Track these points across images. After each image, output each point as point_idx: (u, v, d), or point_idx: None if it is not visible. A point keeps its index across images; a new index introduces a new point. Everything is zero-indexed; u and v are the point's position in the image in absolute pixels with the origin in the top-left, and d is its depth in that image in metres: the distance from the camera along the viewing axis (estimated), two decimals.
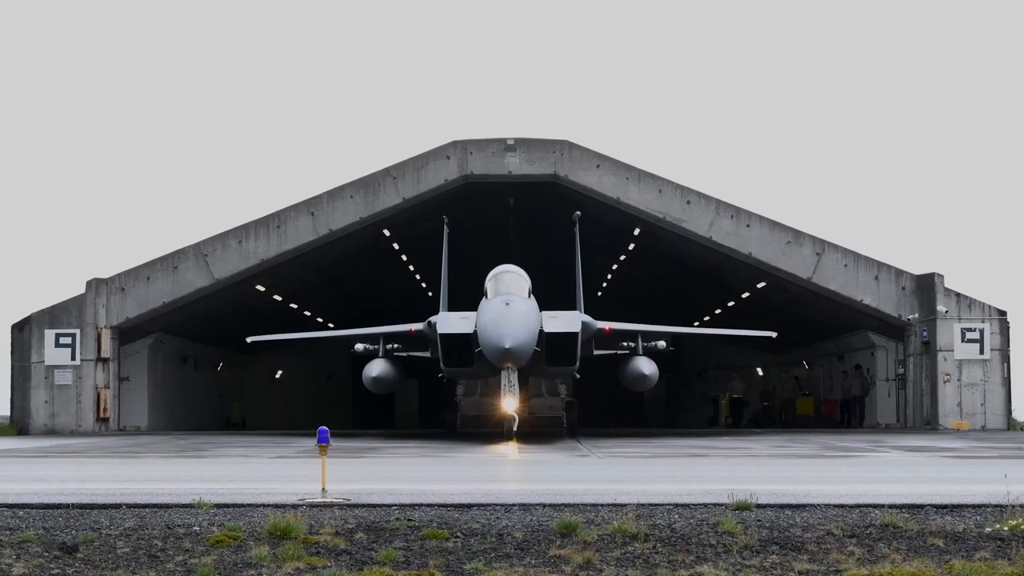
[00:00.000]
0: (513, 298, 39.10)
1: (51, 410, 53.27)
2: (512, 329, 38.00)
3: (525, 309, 39.10)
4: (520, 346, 38.04)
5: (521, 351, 38.17)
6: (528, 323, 38.80)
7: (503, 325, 38.00)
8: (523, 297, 39.75)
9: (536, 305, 40.37)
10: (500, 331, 37.87)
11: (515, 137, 54.46)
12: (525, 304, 39.42)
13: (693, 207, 54.83)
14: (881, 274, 55.30)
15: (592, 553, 13.92)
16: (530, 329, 38.76)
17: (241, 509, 16.61)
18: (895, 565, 13.46)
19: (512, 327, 38.07)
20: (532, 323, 38.99)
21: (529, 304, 39.75)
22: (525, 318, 38.78)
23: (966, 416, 53.55)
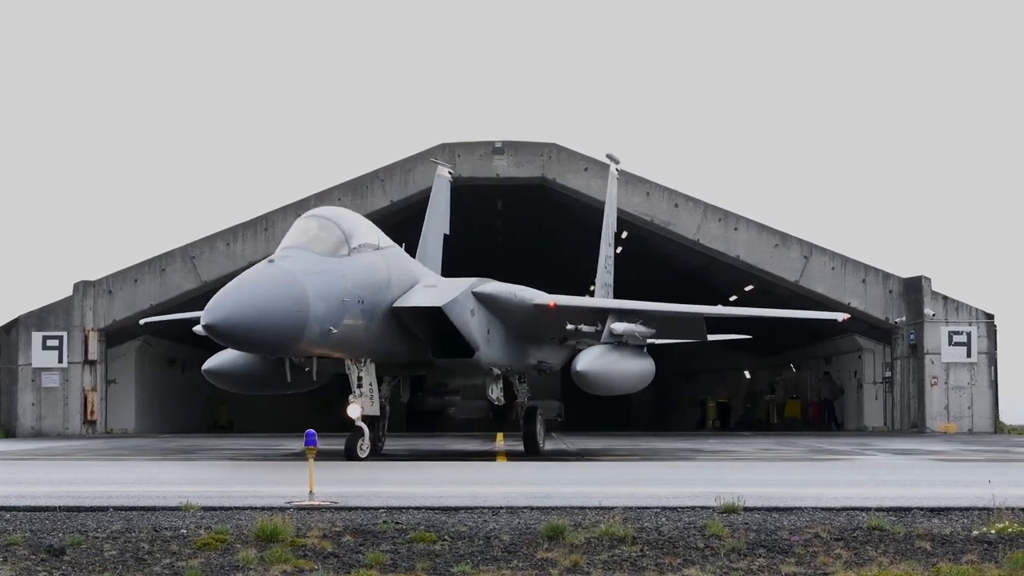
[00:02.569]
0: (293, 254, 28.26)
1: (38, 412, 53.24)
2: (238, 297, 26.82)
3: (297, 270, 27.76)
4: (238, 320, 26.61)
5: (240, 328, 26.70)
6: (285, 289, 27.38)
7: (227, 293, 26.99)
8: (320, 255, 28.63)
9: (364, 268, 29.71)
10: (217, 301, 26.84)
11: (503, 140, 54.57)
12: (310, 263, 28.21)
13: (681, 210, 54.93)
14: (869, 277, 55.42)
15: (579, 556, 13.92)
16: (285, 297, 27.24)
17: (228, 512, 16.60)
18: (882, 568, 13.48)
19: (239, 294, 26.90)
20: (293, 290, 27.42)
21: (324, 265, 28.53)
22: (281, 282, 27.44)
23: (953, 419, 53.67)
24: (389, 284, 30.41)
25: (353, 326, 29.01)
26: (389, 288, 30.39)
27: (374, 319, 29.79)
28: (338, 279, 28.61)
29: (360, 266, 29.44)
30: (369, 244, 30.16)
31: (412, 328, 31.02)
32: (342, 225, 29.57)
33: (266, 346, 28.15)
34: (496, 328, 33.20)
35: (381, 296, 30.05)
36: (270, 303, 26.99)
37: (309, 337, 27.82)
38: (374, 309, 29.79)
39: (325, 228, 29.18)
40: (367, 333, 29.60)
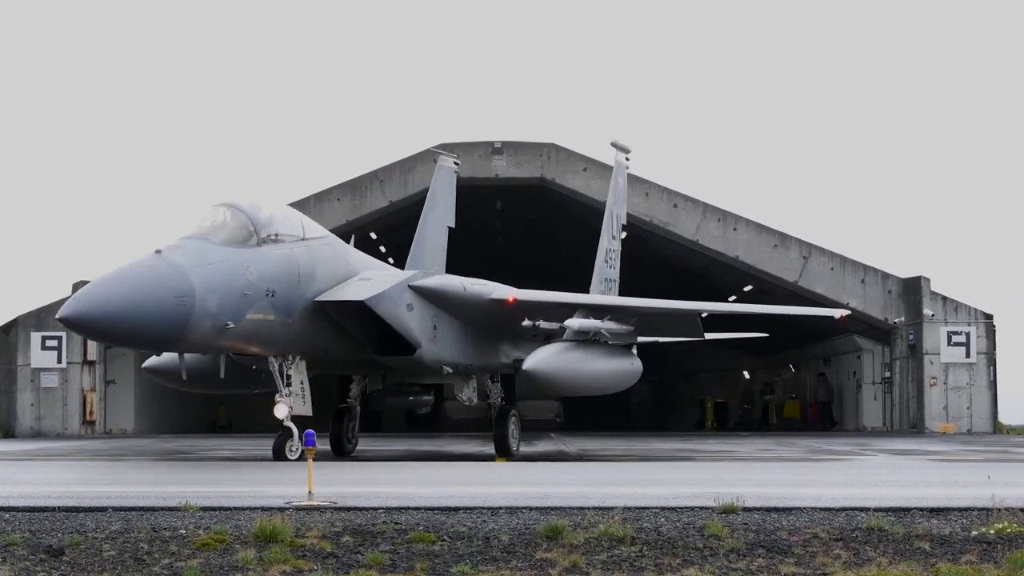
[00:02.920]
0: (187, 244, 26.79)
1: (37, 413, 53.23)
2: (104, 290, 25.34)
3: (185, 262, 26.31)
4: (96, 315, 25.12)
5: (98, 322, 25.30)
6: (165, 282, 25.89)
7: (95, 285, 25.56)
8: (219, 245, 27.29)
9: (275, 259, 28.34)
10: (81, 292, 25.50)
11: (502, 140, 54.61)
12: (204, 253, 26.80)
13: (680, 210, 54.96)
14: (868, 277, 55.45)
15: (579, 556, 13.92)
16: (163, 290, 25.76)
17: (227, 512, 16.59)
18: (881, 568, 13.48)
19: (106, 287, 25.42)
20: (176, 283, 25.94)
21: (222, 255, 27.13)
22: (162, 274, 25.95)
23: (952, 419, 53.69)
24: (313, 277, 29.02)
25: (262, 321, 27.80)
26: (313, 281, 29.02)
27: (291, 313, 28.49)
28: (238, 271, 27.23)
29: (270, 257, 28.08)
30: (288, 234, 28.76)
31: (344, 324, 29.78)
32: (251, 214, 28.07)
33: (138, 341, 27.25)
34: (446, 324, 31.72)
35: (300, 289, 28.69)
36: (141, 297, 25.46)
37: (199, 332, 26.51)
38: (291, 303, 28.47)
39: (232, 217, 27.85)
40: (284, 328, 28.40)
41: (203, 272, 26.48)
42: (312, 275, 29.04)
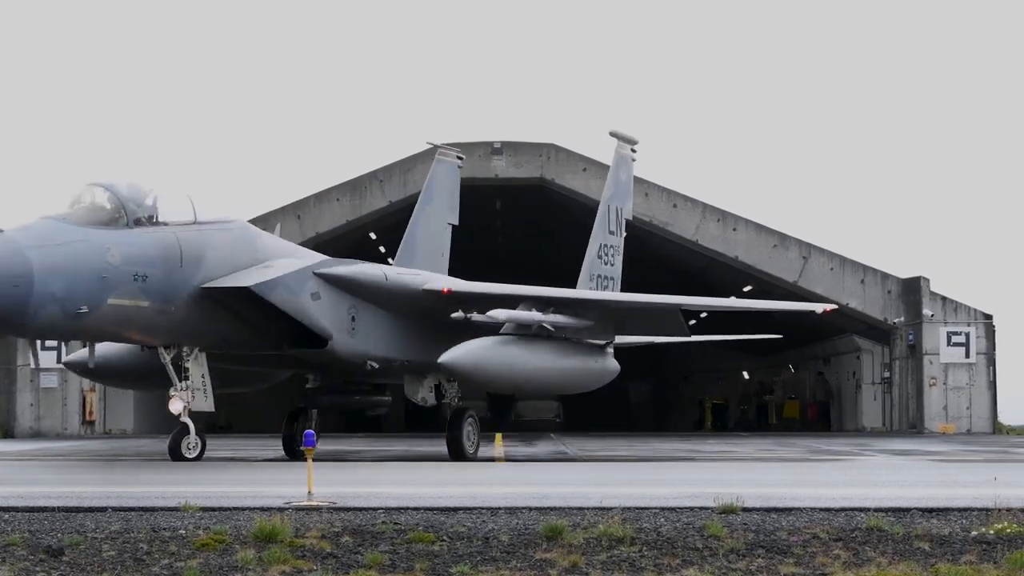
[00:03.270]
0: (38, 224, 25.56)
1: (37, 413, 53.25)
2: None
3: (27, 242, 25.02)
4: None
5: None
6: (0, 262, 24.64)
7: None
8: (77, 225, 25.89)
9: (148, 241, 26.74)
10: None
11: (502, 140, 54.64)
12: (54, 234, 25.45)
13: (680, 210, 54.99)
14: (867, 277, 55.47)
15: (578, 556, 13.92)
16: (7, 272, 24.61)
17: (227, 512, 16.58)
18: (881, 568, 13.48)
19: None
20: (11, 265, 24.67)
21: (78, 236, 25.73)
22: None
23: (952, 420, 53.72)
24: (200, 262, 27.34)
25: (131, 307, 26.24)
26: (200, 266, 27.34)
27: (171, 300, 26.90)
28: (95, 253, 25.61)
29: (142, 240, 26.41)
30: (173, 218, 27.14)
31: (241, 313, 28.18)
32: (124, 194, 26.50)
33: None
34: (369, 316, 29.98)
35: (182, 275, 27.06)
36: None
37: (45, 316, 25.08)
38: (169, 288, 26.84)
39: (101, 197, 26.35)
40: (163, 316, 26.85)
41: (45, 253, 25.00)
42: (199, 260, 27.41)
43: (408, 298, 30.48)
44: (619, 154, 40.23)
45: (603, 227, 39.00)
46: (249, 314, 28.33)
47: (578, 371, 31.79)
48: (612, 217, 39.48)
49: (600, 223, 38.94)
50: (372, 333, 30.04)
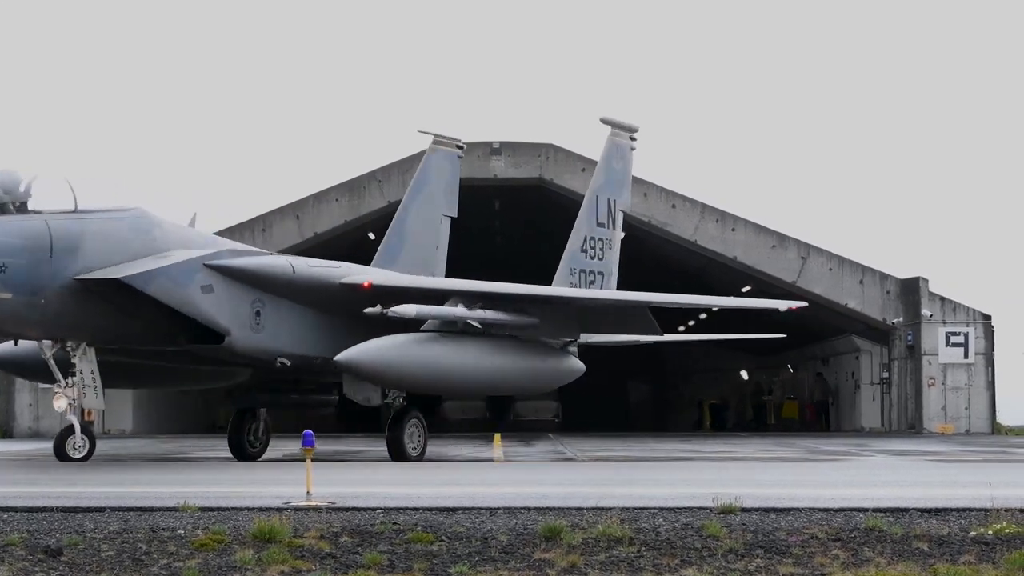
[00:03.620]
0: None
1: (35, 413, 53.22)
2: None
3: None
4: None
5: None
6: None
7: None
8: None
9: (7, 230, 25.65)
10: None
11: (500, 140, 54.63)
12: None
13: (678, 211, 54.99)
14: (866, 278, 55.48)
15: (577, 556, 13.92)
16: None
17: (226, 512, 16.58)
18: (880, 568, 13.49)
19: None
20: None
21: None
22: None
23: (950, 420, 53.73)
24: (77, 252, 26.01)
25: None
26: (75, 256, 26.03)
27: (39, 291, 25.63)
28: None
29: (4, 228, 25.38)
30: (47, 206, 26.02)
31: (126, 306, 26.81)
32: None
33: None
34: (277, 310, 28.46)
35: (52, 265, 25.80)
36: None
37: None
38: (37, 279, 25.60)
39: None
40: (30, 308, 25.66)
41: None
42: (75, 250, 26.09)
43: (325, 292, 29.00)
44: (613, 143, 37.97)
45: (590, 218, 37.15)
46: (131, 307, 26.94)
47: (520, 371, 30.23)
48: (603, 209, 37.56)
49: (586, 214, 37.13)
50: (282, 329, 28.52)
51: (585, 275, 36.61)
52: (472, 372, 29.41)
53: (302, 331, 28.94)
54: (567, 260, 36.38)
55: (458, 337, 29.08)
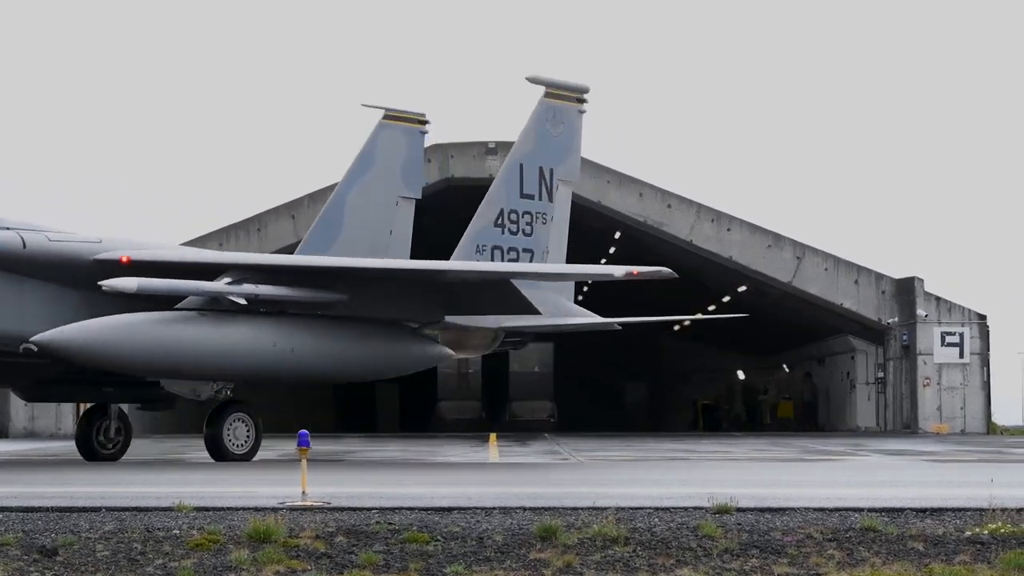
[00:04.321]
0: None
1: (31, 413, 53.17)
2: None
3: None
4: None
5: None
6: None
7: None
8: None
9: None
10: None
11: (496, 140, 54.57)
12: None
13: (674, 211, 54.98)
14: (861, 278, 55.49)
15: (572, 556, 13.92)
16: None
17: (221, 512, 16.57)
18: (875, 568, 13.49)
19: None
20: None
21: None
22: None
23: (946, 420, 53.74)
24: None
25: None
26: None
27: None
28: None
29: None
30: None
31: None
32: None
33: None
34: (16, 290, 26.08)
35: None
36: None
37: None
38: None
39: None
40: None
41: None
42: None
43: (77, 269, 26.28)
44: (548, 105, 33.77)
45: (510, 189, 33.28)
46: None
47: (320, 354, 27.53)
48: (530, 178, 33.52)
49: (504, 184, 33.40)
50: (23, 310, 25.99)
51: (503, 252, 32.96)
52: (234, 354, 26.73)
53: (50, 313, 26.04)
54: (471, 236, 32.87)
55: (226, 316, 26.51)
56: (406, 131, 34.12)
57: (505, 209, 33.21)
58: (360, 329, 28.02)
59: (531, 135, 33.79)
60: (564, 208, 34.37)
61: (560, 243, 34.24)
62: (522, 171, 33.51)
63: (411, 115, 34.39)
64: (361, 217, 33.04)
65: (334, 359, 27.76)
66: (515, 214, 33.28)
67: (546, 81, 33.97)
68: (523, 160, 33.60)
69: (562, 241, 34.32)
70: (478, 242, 32.83)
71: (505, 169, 33.77)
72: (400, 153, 33.95)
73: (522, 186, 33.48)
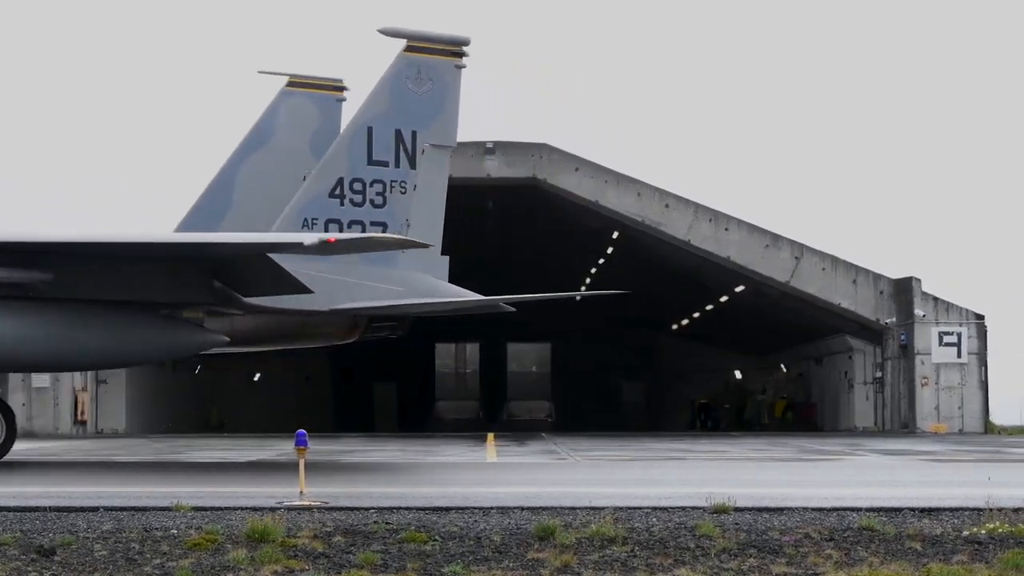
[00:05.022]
0: None
1: (29, 412, 53.15)
2: None
3: None
4: None
5: None
6: None
7: None
8: None
9: None
10: None
11: (494, 140, 54.54)
12: None
13: (672, 211, 54.93)
14: (859, 278, 55.47)
15: (570, 556, 13.92)
16: None
17: (219, 512, 16.58)
18: (873, 568, 13.49)
19: None
20: None
21: None
22: None
23: (944, 419, 53.71)
24: None
25: None
26: None
27: None
28: None
29: None
30: None
31: None
32: None
33: None
34: None
35: None
36: None
37: None
38: None
39: None
40: None
41: None
42: None
43: None
44: (409, 60, 30.37)
45: (354, 155, 29.64)
46: None
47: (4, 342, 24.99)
48: (383, 142, 29.96)
49: (348, 150, 29.68)
50: None
51: (341, 226, 29.40)
52: None
53: None
54: (298, 209, 29.19)
55: None
56: (318, 99, 31.80)
57: (346, 178, 29.58)
58: (76, 312, 25.31)
59: (384, 94, 30.00)
60: (436, 175, 30.92)
61: (431, 215, 30.71)
62: (371, 135, 29.82)
63: (322, 81, 31.87)
64: (256, 193, 30.64)
65: (39, 345, 25.08)
66: (360, 183, 29.71)
67: (406, 33, 30.45)
68: (372, 123, 29.84)
69: (435, 212, 30.80)
70: (306, 215, 29.16)
71: (348, 133, 29.91)
72: (310, 124, 31.69)
73: (371, 152, 29.84)
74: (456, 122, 31.06)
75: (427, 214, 30.50)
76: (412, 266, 29.45)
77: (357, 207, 29.55)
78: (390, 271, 28.55)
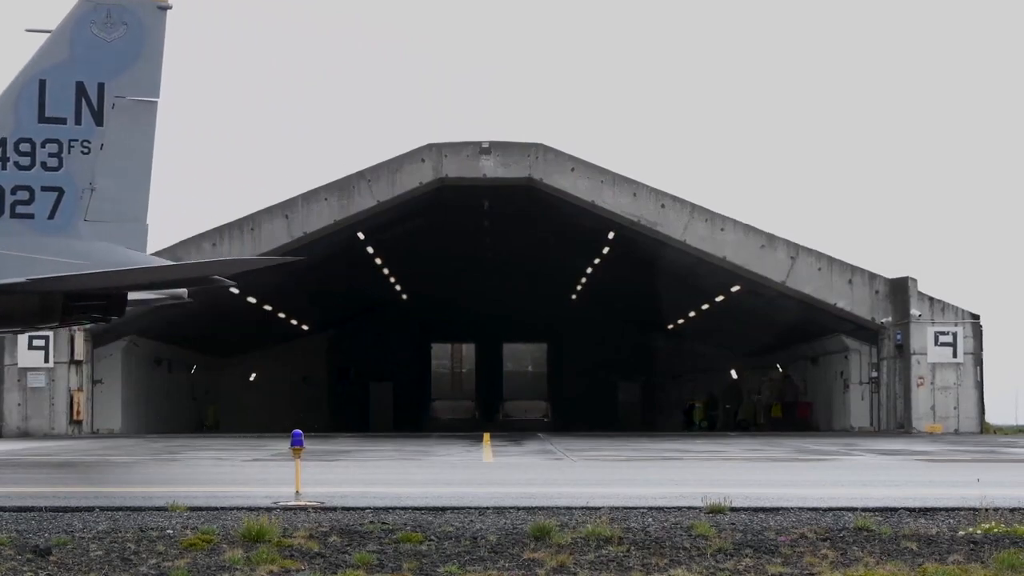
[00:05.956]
0: None
1: (24, 413, 53.14)
2: None
3: None
4: None
5: None
6: None
7: None
8: None
9: None
10: None
11: (490, 140, 54.56)
12: None
13: (668, 211, 54.97)
14: (855, 278, 55.51)
15: (566, 556, 13.92)
16: None
17: (215, 512, 16.58)
18: (868, 568, 13.49)
19: None
20: None
21: None
22: None
23: (939, 419, 53.75)
24: None
25: None
26: None
27: None
28: None
29: None
30: None
31: None
32: None
33: None
34: None
35: None
36: None
37: None
38: None
39: None
40: None
41: None
42: None
43: None
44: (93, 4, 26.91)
45: (20, 113, 26.65)
46: None
47: None
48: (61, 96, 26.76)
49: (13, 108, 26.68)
50: None
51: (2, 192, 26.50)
52: None
53: None
54: None
55: None
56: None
57: (9, 139, 26.58)
58: None
59: (62, 43, 26.79)
60: (135, 133, 27.37)
61: (131, 178, 27.37)
62: (43, 89, 26.64)
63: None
64: None
65: None
66: (27, 143, 26.62)
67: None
68: (46, 75, 26.64)
69: (136, 175, 27.43)
70: None
71: (13, 88, 26.76)
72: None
73: (42, 108, 26.69)
74: (159, 71, 27.47)
75: (124, 177, 27.17)
76: (100, 235, 26.48)
77: (23, 170, 26.57)
78: (71, 242, 25.78)
